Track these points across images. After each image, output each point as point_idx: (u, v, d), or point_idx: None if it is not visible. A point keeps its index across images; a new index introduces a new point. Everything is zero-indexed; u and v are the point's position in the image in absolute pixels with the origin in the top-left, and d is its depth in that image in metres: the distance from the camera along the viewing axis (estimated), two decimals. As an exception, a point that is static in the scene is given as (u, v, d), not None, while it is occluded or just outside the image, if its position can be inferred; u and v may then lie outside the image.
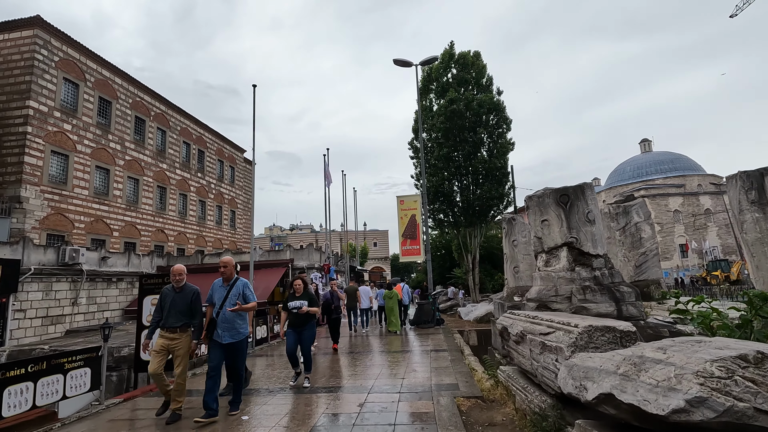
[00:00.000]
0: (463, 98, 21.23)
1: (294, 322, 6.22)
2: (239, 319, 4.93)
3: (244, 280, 5.17)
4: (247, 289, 5.08)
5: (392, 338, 11.16)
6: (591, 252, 6.97)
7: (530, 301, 7.36)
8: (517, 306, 10.80)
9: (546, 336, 3.33)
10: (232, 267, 5.13)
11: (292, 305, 6.24)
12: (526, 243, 11.56)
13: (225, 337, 4.85)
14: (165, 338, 4.90)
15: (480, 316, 16.55)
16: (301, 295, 6.37)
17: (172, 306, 4.92)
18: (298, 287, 6.43)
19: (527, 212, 7.81)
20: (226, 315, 4.82)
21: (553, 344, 3.18)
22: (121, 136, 23.85)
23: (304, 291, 6.46)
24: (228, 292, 4.96)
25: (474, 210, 21.99)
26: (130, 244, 23.70)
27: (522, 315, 4.31)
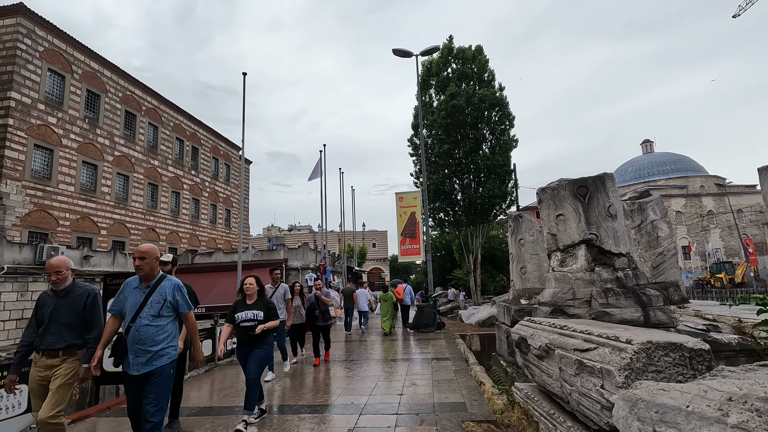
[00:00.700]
0: (464, 93, 20.54)
1: (243, 340, 4.52)
2: (161, 335, 3.26)
3: (174, 281, 3.48)
4: (178, 294, 3.42)
5: (389, 344, 10.43)
6: (613, 250, 6.25)
7: (543, 305, 6.64)
8: (524, 310, 10.06)
9: (584, 353, 2.59)
10: (153, 260, 3.38)
11: (241, 317, 4.49)
12: (534, 242, 10.83)
13: (136, 365, 3.19)
14: (41, 368, 3.35)
15: (482, 320, 15.84)
16: (255, 303, 4.59)
17: (53, 318, 3.40)
18: (250, 289, 4.64)
19: (539, 206, 7.09)
20: (142, 332, 3.19)
21: (597, 365, 2.43)
22: (110, 131, 23.10)
23: (259, 297, 4.69)
24: (147, 297, 3.30)
25: (476, 209, 21.28)
26: (118, 243, 22.92)
27: (546, 323, 3.58)
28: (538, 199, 6.97)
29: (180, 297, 3.44)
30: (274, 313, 4.63)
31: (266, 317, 4.53)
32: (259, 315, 4.50)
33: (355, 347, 10.14)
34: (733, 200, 51.79)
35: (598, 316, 5.80)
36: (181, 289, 3.49)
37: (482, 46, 23.18)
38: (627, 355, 2.25)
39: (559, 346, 3.01)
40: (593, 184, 6.37)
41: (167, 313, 3.35)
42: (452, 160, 21.45)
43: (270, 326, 4.50)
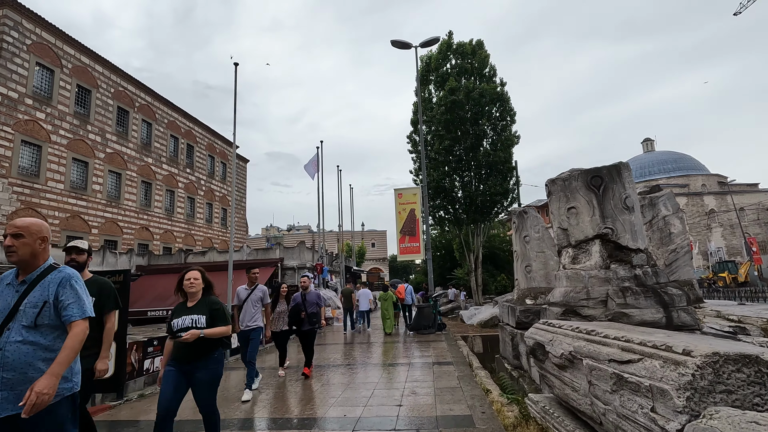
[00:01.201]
0: (464, 88, 20.05)
1: (180, 355, 3.33)
2: (42, 359, 2.15)
3: (67, 272, 2.35)
4: (67, 291, 2.27)
5: (388, 346, 9.95)
6: (630, 246, 5.77)
7: (554, 306, 6.16)
8: (530, 310, 9.58)
9: (625, 366, 2.10)
10: (35, 240, 2.30)
11: (178, 325, 3.37)
12: (539, 239, 10.35)
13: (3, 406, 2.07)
14: None
15: (484, 320, 15.35)
16: (197, 305, 3.44)
17: None
18: (192, 286, 3.45)
19: (549, 199, 6.61)
20: (8, 353, 2.10)
21: (644, 381, 1.95)
22: (102, 127, 22.57)
23: (204, 296, 3.50)
24: (21, 297, 2.21)
25: (476, 206, 20.79)
26: (110, 242, 22.40)
27: (567, 327, 3.10)
28: (548, 191, 6.49)
29: (69, 294, 2.25)
30: (223, 317, 3.42)
31: (210, 323, 3.36)
32: (200, 321, 3.33)
33: (352, 350, 9.67)
34: (735, 199, 51.37)
35: (615, 317, 5.33)
36: (71, 282, 2.29)
37: (483, 41, 22.70)
38: (687, 371, 1.77)
39: (588, 356, 2.52)
40: (608, 174, 5.89)
41: (50, 323, 2.21)
42: (452, 156, 20.97)
43: (212, 333, 3.29)
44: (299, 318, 6.88)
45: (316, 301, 7.16)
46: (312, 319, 6.98)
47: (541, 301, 9.60)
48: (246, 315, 6.17)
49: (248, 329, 6.13)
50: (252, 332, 6.12)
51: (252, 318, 6.16)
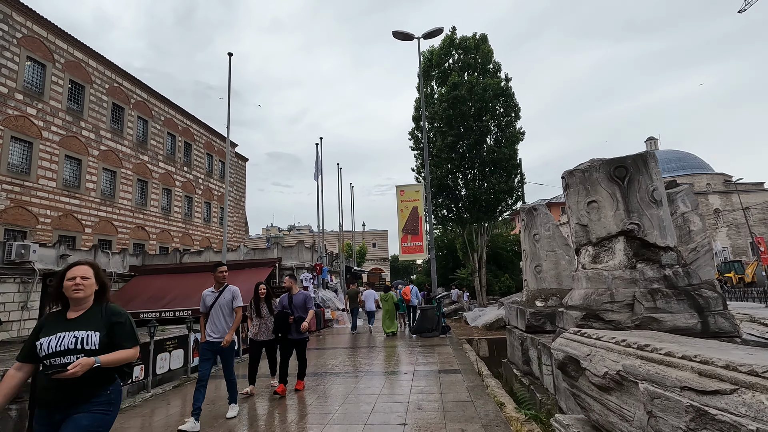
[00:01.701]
0: (467, 83, 19.52)
1: (49, 399, 2.18)
2: None
3: None
4: None
5: (390, 351, 9.43)
6: (658, 243, 5.24)
7: (572, 310, 5.64)
8: (541, 313, 9.04)
9: (710, 398, 1.56)
10: None
11: (49, 347, 2.19)
12: (550, 237, 9.82)
13: None
14: None
15: (489, 322, 14.83)
16: (85, 316, 2.31)
17: None
18: (79, 288, 2.29)
19: (566, 192, 6.09)
20: None
21: (749, 424, 1.41)
22: (96, 123, 22.09)
23: (96, 304, 2.38)
24: None
25: (480, 205, 20.27)
26: (105, 241, 21.92)
27: (608, 339, 2.57)
28: (565, 184, 5.96)
29: None
30: (129, 334, 2.37)
31: (107, 343, 2.27)
32: (90, 340, 2.22)
33: (352, 355, 9.16)
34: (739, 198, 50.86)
35: (644, 322, 4.81)
36: None
37: (486, 35, 22.16)
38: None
39: (647, 379, 2.00)
40: (633, 164, 5.36)
41: None
42: (455, 153, 20.45)
43: (113, 361, 2.24)
44: (286, 324, 5.88)
45: (304, 303, 6.12)
46: (298, 323, 5.99)
47: (553, 303, 9.09)
48: (214, 323, 5.08)
49: (216, 341, 5.01)
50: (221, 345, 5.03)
51: (222, 327, 5.09)
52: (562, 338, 3.20)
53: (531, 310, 8.83)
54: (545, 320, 8.81)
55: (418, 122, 21.72)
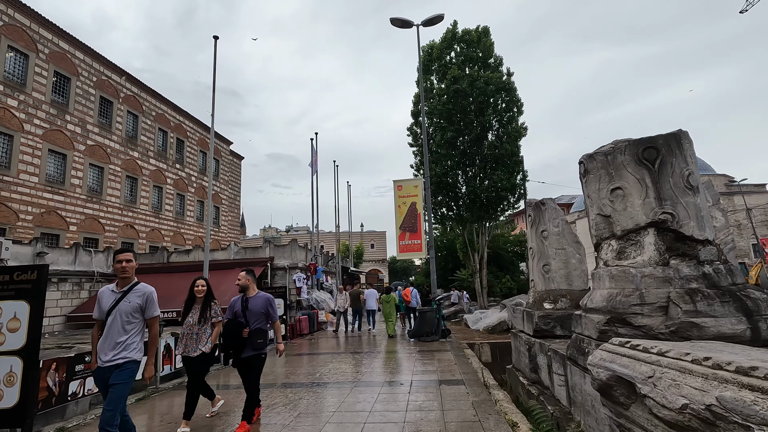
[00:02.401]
0: (468, 77, 18.86)
1: None
2: None
3: None
4: None
5: (386, 357, 8.73)
6: (695, 235, 4.55)
7: (593, 313, 4.95)
8: (551, 316, 8.37)
9: None
10: None
11: None
12: (559, 234, 9.13)
13: None
14: None
15: (491, 326, 14.12)
16: None
17: None
18: None
19: (584, 179, 5.40)
20: None
21: None
22: (82, 117, 21.35)
23: None
24: None
25: (481, 203, 19.58)
26: (91, 240, 21.16)
27: (683, 356, 1.86)
28: (583, 169, 5.27)
29: None
30: None
31: None
32: None
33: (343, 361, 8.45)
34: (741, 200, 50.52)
35: (681, 328, 4.13)
36: None
37: (489, 28, 21.52)
38: None
39: None
40: (665, 145, 4.68)
41: None
42: (455, 150, 19.78)
43: None
44: (239, 339, 4.36)
45: (265, 309, 4.60)
46: (257, 339, 4.42)
47: (563, 305, 8.40)
48: (107, 339, 3.47)
49: (111, 364, 3.41)
50: (117, 370, 3.40)
51: (123, 344, 3.46)
52: (604, 351, 2.49)
53: (539, 313, 8.15)
54: (555, 324, 8.13)
55: (417, 117, 21.06)
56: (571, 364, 5.74)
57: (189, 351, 4.65)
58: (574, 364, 5.52)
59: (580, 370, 5.18)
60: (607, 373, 2.21)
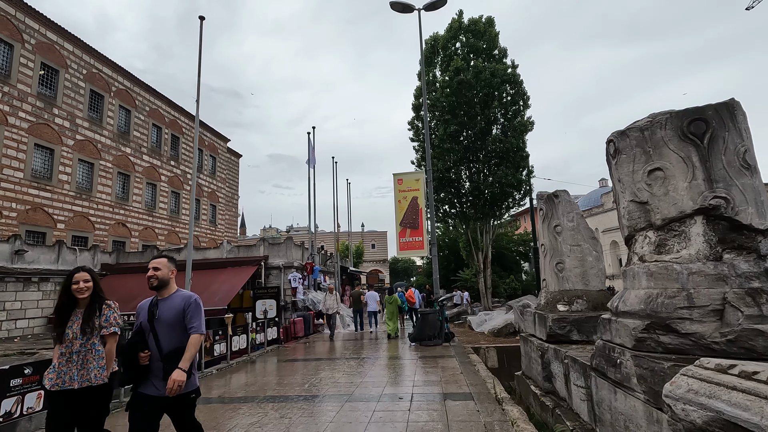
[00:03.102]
0: (473, 68, 18.15)
1: None
2: None
3: None
4: None
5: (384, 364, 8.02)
6: (755, 224, 3.81)
7: (626, 317, 4.24)
8: (566, 319, 7.64)
9: None
10: None
11: None
12: (574, 229, 8.40)
13: None
14: None
15: (497, 328, 13.41)
16: None
17: None
18: None
19: (613, 161, 4.68)
20: None
21: None
22: (71, 111, 20.69)
23: None
24: None
25: (485, 200, 18.86)
26: (80, 238, 20.50)
27: None
28: (613, 149, 4.55)
29: None
30: None
31: None
32: None
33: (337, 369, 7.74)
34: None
35: (743, 336, 3.42)
36: None
37: (493, 18, 20.80)
38: None
39: None
40: (716, 117, 3.95)
41: None
42: (458, 144, 19.04)
43: None
44: (135, 365, 2.88)
45: (180, 319, 2.96)
46: (171, 361, 2.83)
47: (579, 307, 7.68)
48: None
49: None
50: None
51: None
52: (695, 379, 1.75)
53: (553, 316, 7.42)
54: (571, 328, 7.39)
55: (418, 112, 20.36)
56: (597, 376, 5.01)
57: (66, 381, 2.96)
58: (602, 376, 4.79)
59: (611, 385, 4.47)
60: (706, 415, 1.49)
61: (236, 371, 7.96)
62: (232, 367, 8.33)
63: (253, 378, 7.28)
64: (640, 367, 3.89)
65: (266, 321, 10.65)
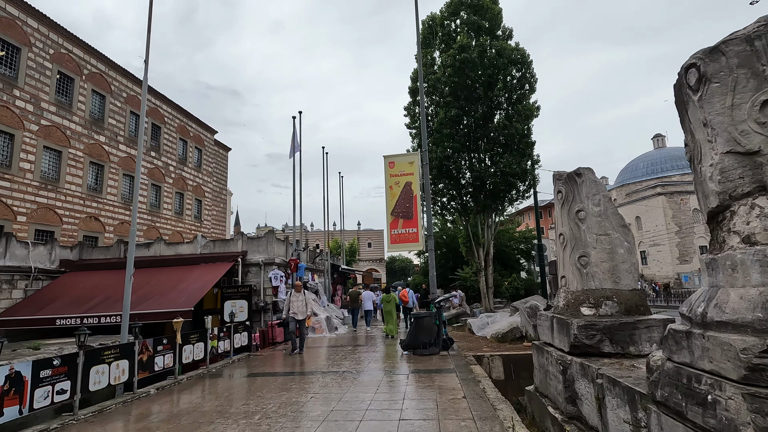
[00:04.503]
0: (477, 46, 16.70)
1: None
2: None
3: None
4: None
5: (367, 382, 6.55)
6: None
7: (726, 330, 2.72)
8: (596, 326, 6.25)
9: None
10: None
11: None
12: (601, 215, 6.97)
13: None
14: None
15: (502, 333, 11.98)
16: None
17: None
18: None
19: (697, 94, 3.18)
20: None
21: None
22: (36, 94, 19.11)
23: None
24: None
25: (487, 191, 17.43)
26: (44, 232, 18.94)
27: None
28: (694, 78, 3.07)
29: None
30: None
31: None
32: None
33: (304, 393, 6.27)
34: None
35: None
36: None
37: (496, -8, 19.28)
38: None
39: None
40: None
41: None
42: (458, 132, 17.59)
43: None
44: None
45: None
46: None
47: (608, 310, 6.25)
48: None
49: None
50: None
51: None
52: None
53: (579, 322, 5.95)
54: (602, 337, 5.94)
55: (415, 96, 18.90)
56: (663, 414, 3.53)
57: None
58: (675, 416, 3.33)
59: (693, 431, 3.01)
60: None
61: (181, 390, 6.47)
62: (181, 383, 6.83)
63: (194, 401, 5.82)
64: (762, 414, 2.44)
65: (233, 326, 9.15)
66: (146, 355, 6.31)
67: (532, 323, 11.81)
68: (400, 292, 15.44)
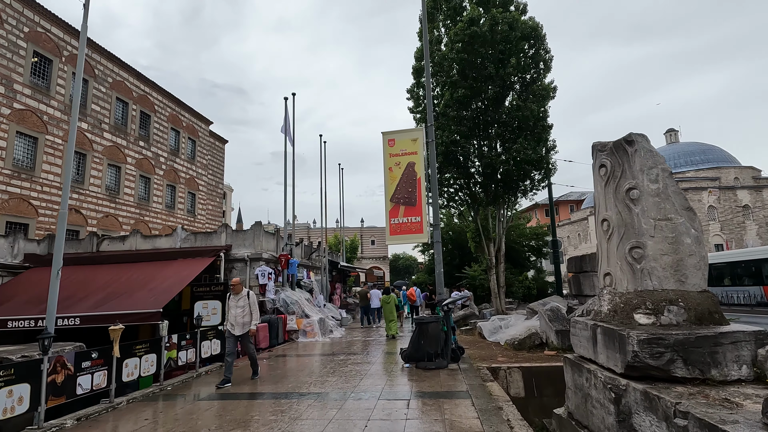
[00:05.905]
0: (489, 18, 15.13)
1: None
2: None
3: None
4: None
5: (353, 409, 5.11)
6: None
7: None
8: (663, 341, 4.72)
9: None
10: None
11: None
12: (661, 194, 5.50)
13: None
14: None
15: (518, 339, 10.47)
16: None
17: None
18: None
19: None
20: None
21: None
22: (8, 75, 17.78)
23: None
24: None
25: (497, 180, 15.89)
26: (17, 225, 17.67)
27: None
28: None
29: None
30: None
31: None
32: None
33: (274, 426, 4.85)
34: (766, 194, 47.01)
35: None
36: None
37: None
38: None
39: None
40: None
41: None
42: (466, 115, 16.03)
43: None
44: None
45: None
46: None
47: (674, 318, 4.72)
48: None
49: None
50: None
51: None
52: None
53: (641, 335, 4.37)
54: (675, 356, 4.37)
55: (419, 78, 17.34)
56: None
57: None
58: None
59: None
60: None
61: (116, 420, 5.02)
62: (118, 409, 5.36)
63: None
64: None
65: (199, 331, 7.68)
66: (62, 375, 4.86)
67: (553, 329, 10.28)
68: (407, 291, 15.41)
